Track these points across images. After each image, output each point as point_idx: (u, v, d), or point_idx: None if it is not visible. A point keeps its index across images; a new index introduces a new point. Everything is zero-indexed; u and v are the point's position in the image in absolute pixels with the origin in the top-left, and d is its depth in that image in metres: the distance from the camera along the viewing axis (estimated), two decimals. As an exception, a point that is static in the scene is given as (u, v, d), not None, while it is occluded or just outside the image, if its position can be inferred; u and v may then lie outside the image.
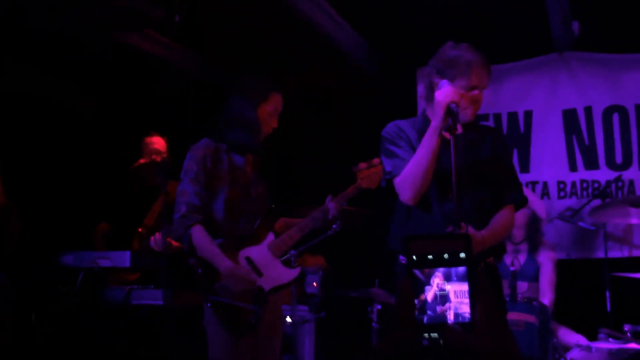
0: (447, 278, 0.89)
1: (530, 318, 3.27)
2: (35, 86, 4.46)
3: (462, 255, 0.87)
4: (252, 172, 2.73)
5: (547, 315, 3.32)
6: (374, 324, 3.96)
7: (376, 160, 2.69)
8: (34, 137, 4.43)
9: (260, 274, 2.58)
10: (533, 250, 3.95)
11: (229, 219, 2.63)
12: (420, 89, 2.45)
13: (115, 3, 3.48)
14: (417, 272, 0.89)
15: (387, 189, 2.33)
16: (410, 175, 2.19)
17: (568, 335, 3.80)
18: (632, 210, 3.60)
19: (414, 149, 2.27)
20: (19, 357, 3.55)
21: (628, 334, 3.60)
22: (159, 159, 3.96)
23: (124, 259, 3.38)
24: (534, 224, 3.93)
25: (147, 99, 4.91)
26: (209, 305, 2.53)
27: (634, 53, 4.46)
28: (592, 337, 3.72)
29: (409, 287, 0.90)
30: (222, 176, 2.64)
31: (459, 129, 2.05)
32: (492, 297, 0.92)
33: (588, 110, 4.56)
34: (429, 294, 0.91)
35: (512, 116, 4.75)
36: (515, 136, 4.69)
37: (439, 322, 0.88)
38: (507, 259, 3.66)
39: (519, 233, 3.92)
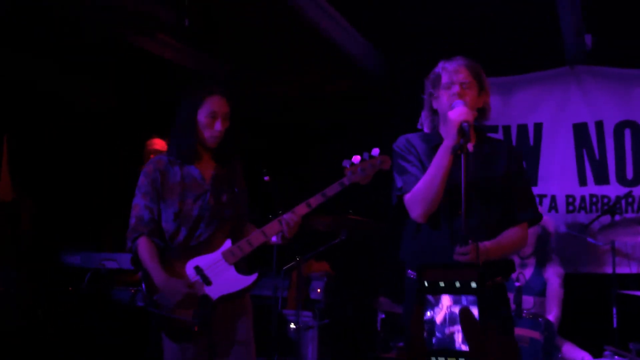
0: (457, 302, 0.91)
1: (535, 334, 3.24)
2: (46, 86, 4.50)
3: (474, 285, 0.91)
4: (213, 181, 2.72)
5: (552, 331, 3.30)
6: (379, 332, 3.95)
7: (376, 151, 2.60)
8: (43, 137, 4.47)
9: (208, 283, 2.57)
10: (540, 265, 3.92)
11: (180, 230, 2.64)
12: (424, 114, 2.44)
13: (126, 8, 3.51)
14: (429, 297, 0.92)
15: (397, 205, 2.32)
16: (421, 193, 2.20)
17: (573, 352, 3.77)
18: (642, 229, 3.58)
19: (422, 164, 2.28)
20: (25, 354, 3.57)
21: (633, 353, 3.58)
22: None
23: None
24: (543, 239, 3.90)
25: (157, 101, 4.94)
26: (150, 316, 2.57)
27: (647, 68, 4.43)
28: (597, 354, 3.69)
29: (420, 312, 0.92)
30: (173, 188, 2.67)
31: (470, 148, 2.05)
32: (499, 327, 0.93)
33: (599, 125, 4.52)
34: (439, 316, 0.92)
35: (522, 128, 4.72)
36: (524, 149, 4.64)
37: (447, 347, 0.90)
38: (513, 274, 3.64)
39: (527, 248, 3.90)
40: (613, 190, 4.45)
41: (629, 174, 4.45)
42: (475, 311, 0.89)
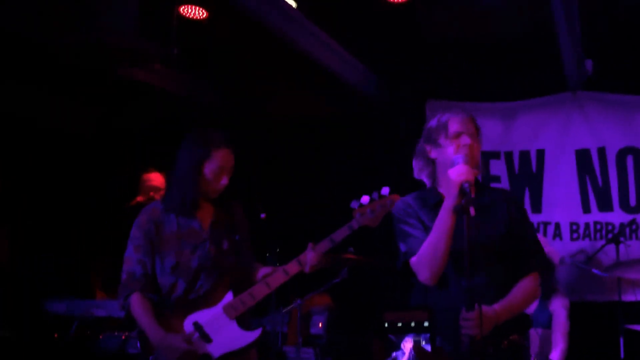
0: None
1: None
2: (27, 113, 4.35)
3: (426, 324, 1.08)
4: (212, 228, 2.57)
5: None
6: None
7: (385, 190, 2.49)
8: (27, 170, 4.31)
9: (209, 340, 2.42)
10: (545, 297, 3.82)
11: (178, 283, 2.49)
12: (419, 164, 2.36)
13: (115, 44, 3.40)
14: (391, 336, 1.01)
15: (403, 269, 2.22)
16: (426, 255, 2.12)
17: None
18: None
19: (424, 225, 2.21)
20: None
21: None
22: (157, 196, 3.84)
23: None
24: (547, 272, 3.79)
25: (149, 131, 4.81)
26: None
27: (648, 94, 4.37)
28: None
29: (381, 347, 1.01)
30: (169, 239, 2.52)
31: (472, 212, 1.97)
32: None
33: (602, 151, 4.46)
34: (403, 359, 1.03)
35: (524, 155, 4.63)
36: (527, 175, 4.58)
37: None
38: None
39: None
40: (617, 217, 4.39)
41: (632, 201, 4.39)
42: (428, 348, 1.01)
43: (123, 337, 3.33)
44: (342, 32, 4.04)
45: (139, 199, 3.95)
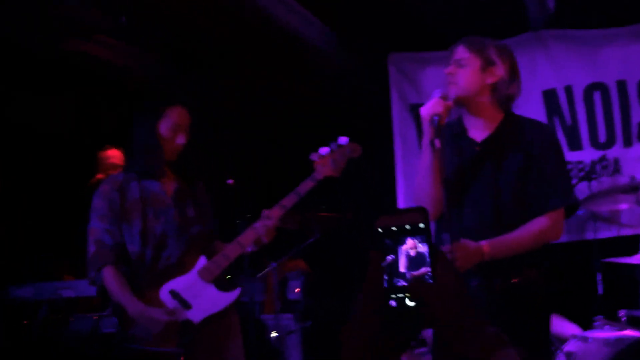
0: (418, 245, 0.99)
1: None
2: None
3: (422, 225, 0.99)
4: (175, 195, 2.52)
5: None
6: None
7: (343, 140, 2.49)
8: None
9: (188, 306, 2.37)
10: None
11: (147, 251, 2.43)
12: None
13: (59, 13, 3.21)
14: (387, 240, 0.99)
15: None
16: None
17: (563, 326, 3.68)
18: (622, 196, 3.50)
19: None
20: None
21: (624, 320, 3.51)
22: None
23: (89, 287, 3.13)
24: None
25: (104, 109, 4.64)
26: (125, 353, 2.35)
27: (611, 27, 4.30)
28: (587, 324, 3.61)
29: (377, 256, 0.98)
30: (133, 206, 2.46)
31: (437, 144, 1.96)
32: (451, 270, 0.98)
33: (568, 90, 4.40)
34: (401, 261, 0.99)
35: (491, 100, 4.57)
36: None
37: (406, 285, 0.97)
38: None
39: None
40: (587, 155, 4.37)
41: (602, 137, 4.37)
42: (425, 248, 0.98)
43: (95, 318, 3.23)
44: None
45: (99, 176, 3.84)
